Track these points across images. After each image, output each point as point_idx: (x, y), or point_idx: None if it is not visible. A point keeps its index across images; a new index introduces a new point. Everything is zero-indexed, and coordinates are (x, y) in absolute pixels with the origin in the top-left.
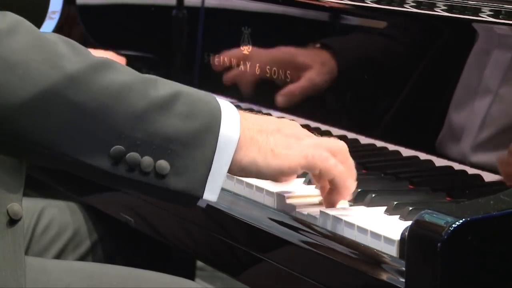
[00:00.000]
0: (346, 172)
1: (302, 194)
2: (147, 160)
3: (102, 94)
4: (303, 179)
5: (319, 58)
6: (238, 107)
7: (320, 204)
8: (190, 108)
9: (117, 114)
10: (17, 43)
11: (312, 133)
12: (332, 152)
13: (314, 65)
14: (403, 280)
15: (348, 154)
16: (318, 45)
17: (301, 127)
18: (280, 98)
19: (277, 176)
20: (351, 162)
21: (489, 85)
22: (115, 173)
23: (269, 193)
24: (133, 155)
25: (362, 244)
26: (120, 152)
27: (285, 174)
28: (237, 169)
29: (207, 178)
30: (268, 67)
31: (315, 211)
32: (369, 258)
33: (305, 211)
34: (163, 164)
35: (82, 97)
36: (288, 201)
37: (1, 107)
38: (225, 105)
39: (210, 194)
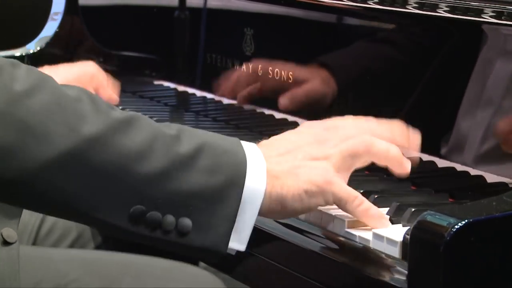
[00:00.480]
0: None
1: None
2: (169, 219)
3: (122, 155)
4: None
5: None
6: (240, 107)
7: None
8: (214, 162)
9: (138, 175)
10: (37, 104)
11: None
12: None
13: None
14: (406, 281)
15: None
16: (319, 46)
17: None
18: (282, 100)
19: (314, 205)
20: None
21: (492, 96)
22: (135, 232)
23: None
24: (154, 214)
25: (365, 245)
26: (141, 212)
27: (320, 192)
28: (268, 216)
29: (230, 233)
30: (270, 68)
31: (317, 212)
32: (372, 259)
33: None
34: (185, 221)
35: (101, 159)
36: None
37: (17, 171)
38: (251, 152)
39: (237, 244)
